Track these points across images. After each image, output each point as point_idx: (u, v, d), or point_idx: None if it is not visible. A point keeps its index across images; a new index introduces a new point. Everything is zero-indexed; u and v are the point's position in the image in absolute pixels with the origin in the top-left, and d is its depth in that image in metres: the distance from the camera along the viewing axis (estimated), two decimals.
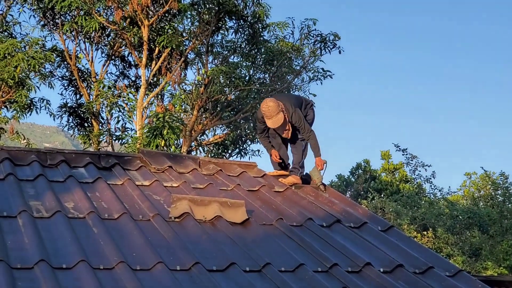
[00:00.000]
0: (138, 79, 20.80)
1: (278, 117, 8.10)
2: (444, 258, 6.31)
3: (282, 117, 8.11)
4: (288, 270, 5.50)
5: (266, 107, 8.12)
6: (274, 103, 8.11)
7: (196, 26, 19.81)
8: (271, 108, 8.09)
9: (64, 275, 4.85)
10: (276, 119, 8.11)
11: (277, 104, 8.11)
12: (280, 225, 6.50)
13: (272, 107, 8.08)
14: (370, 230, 6.69)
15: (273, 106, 8.08)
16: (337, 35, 20.44)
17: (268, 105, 8.11)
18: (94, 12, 18.50)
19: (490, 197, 23.77)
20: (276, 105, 8.09)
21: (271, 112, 8.10)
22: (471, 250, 21.07)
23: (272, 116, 8.11)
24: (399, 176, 34.57)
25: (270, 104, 8.10)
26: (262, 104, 8.25)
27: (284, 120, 8.14)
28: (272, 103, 8.10)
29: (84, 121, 20.86)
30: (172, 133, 16.56)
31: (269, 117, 8.13)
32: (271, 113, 8.10)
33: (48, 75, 19.99)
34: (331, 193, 7.90)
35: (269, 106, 8.10)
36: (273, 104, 8.09)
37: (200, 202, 6.51)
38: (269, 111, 8.10)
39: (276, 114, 8.09)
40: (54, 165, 7.51)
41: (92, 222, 5.90)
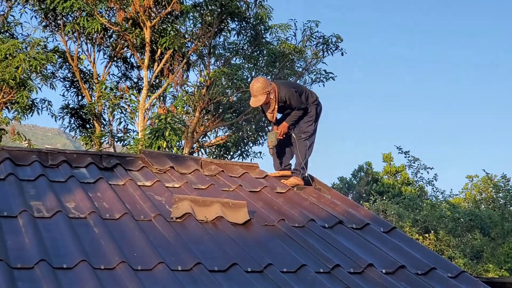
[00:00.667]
0: (140, 80, 20.81)
1: (259, 98, 8.16)
2: (446, 260, 6.29)
3: (263, 99, 8.14)
4: (290, 271, 5.47)
5: (252, 85, 8.24)
6: (261, 84, 8.15)
7: (199, 27, 19.82)
8: (255, 88, 8.16)
9: (64, 275, 4.82)
10: (256, 100, 8.19)
11: (264, 86, 8.13)
12: (282, 226, 6.48)
13: (256, 87, 8.15)
14: (372, 231, 6.66)
15: (258, 87, 8.14)
16: (339, 37, 20.45)
17: (254, 84, 8.21)
18: (96, 13, 18.51)
19: (491, 200, 23.76)
20: (261, 87, 8.12)
21: (254, 92, 8.19)
22: (473, 252, 21.05)
23: (254, 95, 8.20)
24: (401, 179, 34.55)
25: (256, 84, 8.18)
26: (253, 81, 8.35)
27: (264, 102, 8.19)
28: (259, 84, 8.15)
29: (86, 123, 20.86)
30: (174, 135, 16.57)
31: (252, 95, 8.25)
32: (253, 92, 8.20)
33: (49, 76, 20.00)
34: (333, 194, 7.87)
35: (255, 85, 8.18)
36: (258, 85, 8.15)
37: (202, 203, 6.49)
38: (253, 90, 8.21)
39: (258, 95, 8.15)
40: (55, 165, 7.49)
41: (93, 222, 5.87)
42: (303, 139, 8.37)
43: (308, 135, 8.38)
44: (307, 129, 8.37)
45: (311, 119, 8.38)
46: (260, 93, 8.13)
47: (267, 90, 8.13)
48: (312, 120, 8.39)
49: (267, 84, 8.16)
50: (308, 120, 8.38)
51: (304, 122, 8.38)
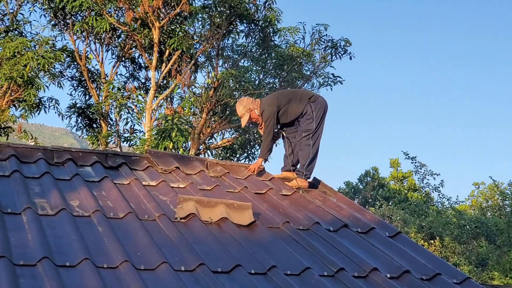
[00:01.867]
0: (148, 81, 20.82)
1: (244, 118, 8.54)
2: (451, 266, 6.24)
3: (247, 118, 8.51)
4: (293, 274, 5.44)
5: (236, 108, 8.76)
6: (241, 104, 8.56)
7: (207, 29, 19.81)
8: (239, 110, 8.59)
9: (67, 273, 4.80)
10: (242, 120, 8.60)
11: (245, 105, 8.48)
12: (286, 228, 6.45)
13: (239, 109, 8.56)
14: (378, 235, 6.63)
15: (241, 108, 8.52)
16: (348, 41, 20.42)
17: (237, 106, 8.65)
18: (105, 12, 18.52)
19: (498, 207, 23.70)
20: (242, 108, 8.50)
21: (238, 113, 8.66)
22: (478, 260, 20.99)
23: (240, 116, 8.63)
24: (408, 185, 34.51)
25: (238, 108, 8.61)
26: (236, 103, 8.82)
27: (249, 120, 8.55)
28: (240, 107, 8.56)
29: (93, 122, 20.87)
30: (180, 136, 16.56)
31: (239, 116, 8.67)
32: (238, 114, 8.66)
33: (57, 75, 20.01)
34: (339, 198, 7.84)
35: (238, 107, 8.62)
36: (240, 108, 8.55)
37: (207, 204, 6.47)
38: (238, 112, 8.66)
39: (242, 115, 8.52)
40: (60, 163, 7.47)
41: (97, 221, 5.85)
42: (305, 138, 8.29)
43: (311, 132, 8.28)
44: (308, 127, 8.30)
45: (309, 117, 8.30)
46: (244, 112, 8.47)
47: (250, 108, 8.43)
48: (311, 118, 8.30)
49: (249, 102, 8.50)
50: (306, 118, 8.32)
51: (303, 122, 8.35)
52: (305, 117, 8.34)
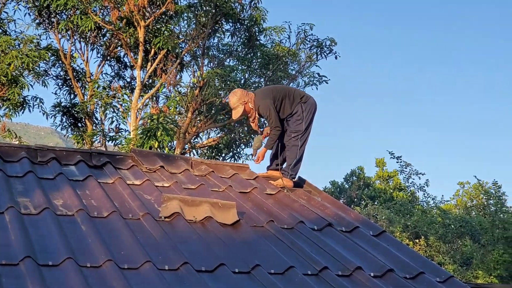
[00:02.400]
0: (133, 80, 20.79)
1: (237, 110, 8.37)
2: (435, 264, 6.26)
3: (241, 110, 8.34)
4: (277, 273, 5.43)
5: (229, 99, 8.53)
6: (238, 96, 8.36)
7: (193, 28, 19.79)
8: (233, 101, 8.39)
9: (50, 273, 4.77)
10: (235, 112, 8.42)
11: (240, 97, 8.32)
12: (271, 227, 6.44)
13: (233, 100, 8.38)
14: (362, 234, 6.63)
15: (235, 100, 8.35)
16: (333, 40, 20.46)
17: (231, 97, 8.45)
18: (90, 11, 18.46)
19: (482, 207, 23.80)
20: (237, 99, 8.33)
21: (232, 105, 8.44)
22: (462, 259, 21.07)
23: (233, 108, 8.44)
24: (393, 184, 34.60)
25: (233, 97, 8.40)
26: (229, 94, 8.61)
27: (243, 113, 8.38)
28: (236, 96, 8.36)
29: (78, 121, 20.80)
30: (166, 135, 16.54)
31: (232, 108, 8.49)
32: (232, 105, 8.45)
33: (42, 73, 19.94)
34: (323, 197, 7.84)
35: (232, 99, 8.42)
36: (235, 98, 8.35)
37: (191, 203, 6.45)
38: (231, 103, 8.47)
39: (236, 107, 8.37)
40: (44, 162, 7.44)
41: (80, 220, 5.83)
42: (293, 138, 8.29)
43: (299, 134, 8.29)
44: (297, 128, 8.30)
45: (299, 117, 8.29)
46: (237, 104, 8.33)
47: (244, 101, 8.30)
48: (300, 119, 8.29)
49: (243, 94, 8.35)
50: (296, 119, 8.31)
51: (292, 122, 8.32)
52: (294, 117, 8.31)
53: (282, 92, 8.40)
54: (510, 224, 21.17)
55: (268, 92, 8.36)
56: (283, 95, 8.31)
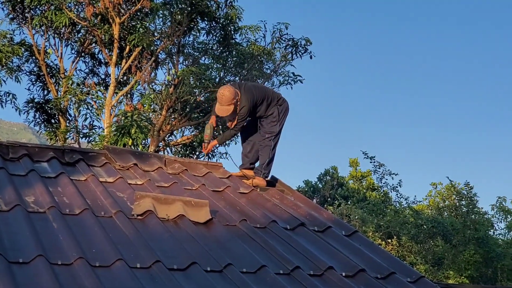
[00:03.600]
0: (108, 77, 20.69)
1: (227, 108, 8.09)
2: (406, 264, 6.30)
3: (230, 109, 8.09)
4: (249, 272, 5.44)
5: (221, 94, 8.11)
6: (230, 94, 8.06)
7: (168, 26, 19.71)
8: (225, 98, 8.06)
9: (20, 270, 4.73)
10: (224, 109, 8.11)
11: (233, 96, 8.06)
12: (243, 226, 6.45)
13: (226, 97, 8.06)
14: (334, 234, 6.66)
15: (228, 97, 8.05)
16: (308, 40, 20.47)
17: (224, 93, 8.08)
18: (64, 7, 18.34)
19: (454, 207, 23.91)
20: (231, 97, 8.05)
21: (222, 101, 8.09)
22: (434, 259, 21.19)
23: (221, 103, 8.11)
24: (366, 184, 34.74)
25: (226, 94, 8.07)
26: (221, 88, 8.22)
27: (231, 113, 8.14)
28: (229, 94, 8.05)
29: (51, 118, 20.67)
30: (140, 132, 16.48)
31: (219, 103, 8.13)
32: (222, 101, 8.10)
33: (15, 69, 19.78)
34: (296, 196, 7.86)
35: (224, 95, 8.07)
36: (228, 95, 8.05)
37: (164, 201, 6.44)
38: (222, 99, 8.09)
39: (226, 105, 8.08)
40: (16, 158, 7.39)
41: (52, 217, 5.79)
42: (267, 139, 8.33)
43: (273, 135, 8.34)
44: (272, 129, 8.34)
45: (275, 119, 8.34)
46: (229, 103, 8.06)
47: (236, 100, 8.08)
48: (276, 121, 8.35)
49: (235, 93, 8.09)
50: (271, 120, 8.35)
51: (267, 123, 8.35)
52: (270, 118, 8.35)
53: (263, 93, 8.39)
54: (481, 225, 21.34)
55: (251, 95, 8.21)
56: (263, 96, 8.32)
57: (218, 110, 8.19)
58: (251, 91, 8.26)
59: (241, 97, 8.13)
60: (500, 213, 24.60)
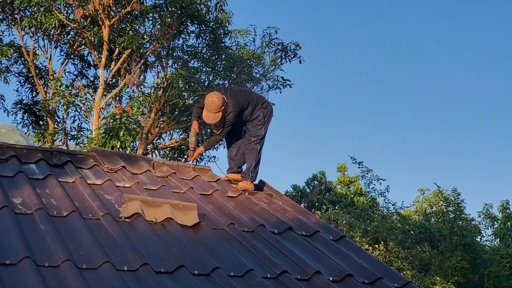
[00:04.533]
0: (97, 79, 20.63)
1: (215, 115, 8.09)
2: (393, 270, 6.31)
3: (219, 116, 8.08)
4: (236, 275, 5.44)
5: (210, 102, 8.07)
6: (219, 101, 8.03)
7: (158, 29, 19.70)
8: (214, 105, 8.04)
9: (7, 271, 4.73)
10: (212, 116, 8.10)
11: (221, 104, 8.04)
12: (231, 230, 6.45)
13: (214, 104, 8.03)
14: (322, 239, 6.67)
15: (216, 104, 8.03)
16: (298, 44, 20.50)
17: (213, 100, 8.05)
18: (54, 9, 18.29)
19: (441, 213, 23.95)
20: (219, 105, 8.03)
21: (211, 108, 8.06)
22: (421, 265, 21.23)
23: (210, 111, 8.08)
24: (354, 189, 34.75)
25: (215, 101, 8.04)
26: (209, 95, 8.16)
27: (219, 120, 8.13)
28: (218, 101, 8.03)
29: (40, 119, 20.59)
30: (128, 135, 16.44)
31: (208, 110, 8.09)
32: (210, 109, 8.07)
33: (3, 70, 19.72)
34: (284, 200, 7.87)
35: (213, 102, 8.04)
36: (217, 102, 8.03)
37: (152, 203, 6.44)
38: (210, 107, 8.06)
39: (215, 112, 8.06)
40: (4, 160, 7.37)
41: (39, 219, 5.78)
42: (253, 142, 8.35)
43: (259, 138, 8.36)
44: (257, 133, 8.36)
45: (260, 123, 8.36)
46: (217, 110, 8.05)
47: (223, 107, 8.06)
48: (261, 124, 8.36)
49: (223, 100, 8.07)
50: (257, 124, 8.36)
51: (253, 126, 8.36)
52: (255, 122, 8.35)
53: (249, 97, 8.40)
54: (468, 231, 21.41)
55: (238, 100, 8.20)
56: (249, 100, 8.34)
57: (206, 117, 8.16)
58: (237, 96, 8.26)
59: (228, 103, 8.12)
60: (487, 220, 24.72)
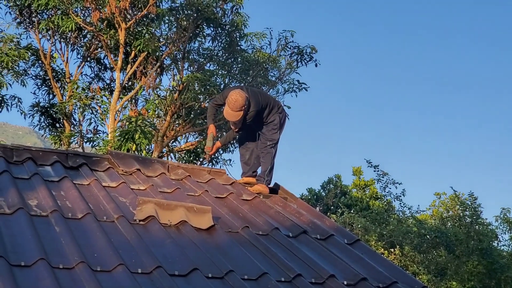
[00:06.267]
0: (113, 82, 20.72)
1: (237, 114, 8.07)
2: (408, 274, 6.28)
3: (239, 115, 8.07)
4: (251, 279, 5.43)
5: (234, 100, 8.03)
6: (243, 100, 8.01)
7: (174, 31, 19.76)
8: (237, 103, 8.01)
9: (22, 273, 4.74)
10: (234, 114, 8.08)
11: (244, 103, 8.02)
12: (245, 233, 6.44)
13: (238, 102, 8.01)
14: (336, 242, 6.65)
15: (240, 103, 8.01)
16: (314, 48, 20.47)
17: (237, 99, 8.02)
18: (71, 12, 18.39)
19: (458, 218, 23.83)
20: (242, 104, 8.01)
21: (234, 106, 8.03)
22: (437, 269, 21.13)
23: (233, 109, 8.05)
24: (370, 193, 34.63)
25: (239, 100, 8.01)
26: (233, 92, 8.10)
27: (239, 118, 8.11)
28: (242, 100, 8.01)
29: (56, 122, 20.71)
30: (143, 138, 16.48)
31: (231, 108, 8.06)
32: (234, 107, 8.04)
33: (21, 73, 19.83)
34: (299, 204, 7.86)
35: (237, 100, 8.01)
36: (241, 101, 8.01)
37: (166, 206, 6.44)
38: (234, 105, 8.03)
39: (236, 111, 8.04)
40: (20, 162, 7.39)
41: (54, 221, 5.79)
42: (269, 146, 8.34)
43: (274, 142, 8.36)
44: (273, 137, 8.36)
45: (276, 127, 8.36)
46: (240, 109, 8.03)
47: (246, 107, 8.05)
48: (276, 128, 8.36)
49: (246, 99, 8.06)
50: (272, 128, 8.35)
51: (268, 130, 8.35)
52: (271, 126, 8.35)
53: (267, 99, 8.42)
54: (485, 236, 21.27)
55: (258, 99, 8.21)
56: (267, 102, 8.34)
57: (227, 114, 8.15)
58: (257, 96, 8.27)
59: (251, 103, 8.12)
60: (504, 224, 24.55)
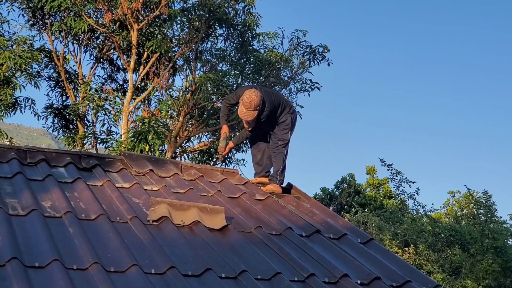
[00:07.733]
0: (126, 83, 20.78)
1: (251, 113, 8.05)
2: (422, 273, 6.26)
3: (254, 114, 8.05)
4: (264, 278, 5.43)
5: (250, 99, 8.01)
6: (258, 100, 8.00)
7: (186, 32, 19.79)
8: (253, 103, 7.99)
9: (36, 274, 4.76)
10: (248, 113, 8.06)
11: (259, 103, 8.01)
12: (259, 233, 6.44)
13: (253, 102, 7.99)
14: (350, 242, 6.64)
15: (255, 103, 7.99)
16: (326, 47, 20.46)
17: (252, 98, 7.99)
18: (83, 13, 18.46)
19: (472, 216, 23.75)
20: (257, 103, 8.00)
21: (249, 106, 8.01)
22: (452, 268, 21.06)
23: (247, 108, 8.03)
24: (383, 192, 34.54)
25: (255, 100, 7.99)
26: (248, 92, 8.07)
27: (253, 118, 8.10)
28: (257, 100, 7.99)
29: (69, 123, 20.79)
30: (157, 138, 16.52)
31: (246, 107, 8.04)
32: (249, 106, 8.02)
33: (34, 75, 19.91)
34: (312, 203, 7.84)
35: (252, 100, 7.99)
36: (256, 101, 7.99)
37: (179, 207, 6.44)
38: (249, 104, 8.01)
39: (251, 110, 8.03)
40: (33, 163, 7.42)
41: (68, 222, 5.82)
42: (280, 146, 8.34)
43: (285, 142, 8.36)
44: (284, 137, 8.35)
45: (287, 127, 8.36)
46: (255, 108, 8.02)
47: (260, 106, 8.05)
48: (288, 128, 8.36)
49: (261, 99, 8.05)
50: (284, 128, 8.35)
51: (280, 130, 8.35)
52: (282, 126, 8.35)
53: (280, 99, 8.42)
54: (499, 234, 21.18)
55: (271, 99, 8.22)
56: (280, 102, 8.35)
57: (241, 113, 8.14)
58: (270, 96, 8.28)
59: (265, 103, 8.12)
60: None
